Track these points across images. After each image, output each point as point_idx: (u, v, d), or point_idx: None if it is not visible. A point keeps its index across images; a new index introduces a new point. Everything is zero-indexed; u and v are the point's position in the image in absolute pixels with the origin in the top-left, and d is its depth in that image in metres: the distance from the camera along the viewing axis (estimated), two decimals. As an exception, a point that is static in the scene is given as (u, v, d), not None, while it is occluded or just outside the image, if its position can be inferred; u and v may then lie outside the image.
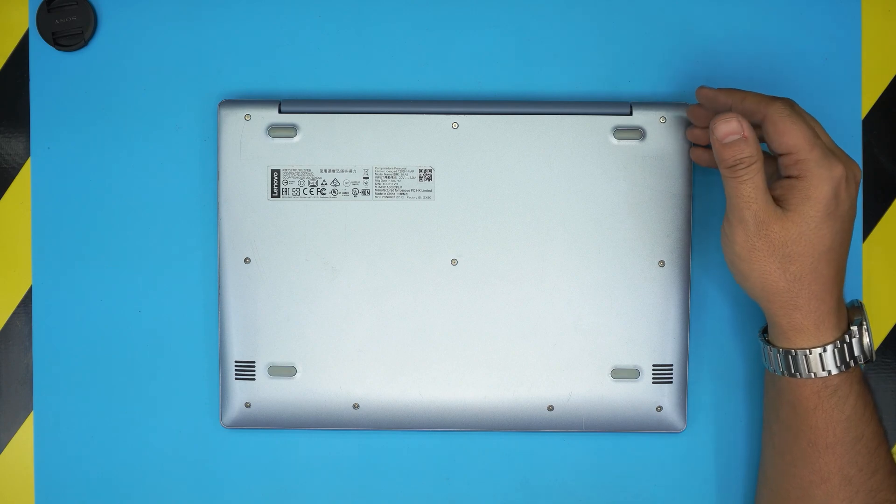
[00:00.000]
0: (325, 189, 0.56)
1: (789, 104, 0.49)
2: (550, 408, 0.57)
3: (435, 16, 0.59)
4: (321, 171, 0.56)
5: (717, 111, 0.52)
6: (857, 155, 0.59)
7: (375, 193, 0.56)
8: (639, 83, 0.58)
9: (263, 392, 0.57)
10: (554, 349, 0.56)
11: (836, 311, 0.50)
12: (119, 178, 0.59)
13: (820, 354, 0.50)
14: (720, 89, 0.52)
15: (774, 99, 0.50)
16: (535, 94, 0.58)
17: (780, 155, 0.49)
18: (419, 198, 0.56)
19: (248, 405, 0.57)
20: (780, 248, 0.48)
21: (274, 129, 0.56)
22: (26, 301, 0.59)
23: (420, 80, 0.58)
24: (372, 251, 0.56)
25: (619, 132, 0.56)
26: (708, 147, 0.55)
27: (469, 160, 0.56)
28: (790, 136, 0.48)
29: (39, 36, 0.58)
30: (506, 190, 0.56)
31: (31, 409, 0.59)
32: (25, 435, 0.59)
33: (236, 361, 0.57)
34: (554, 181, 0.56)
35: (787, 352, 0.50)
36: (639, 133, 0.56)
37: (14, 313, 0.60)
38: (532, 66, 0.58)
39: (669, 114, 0.56)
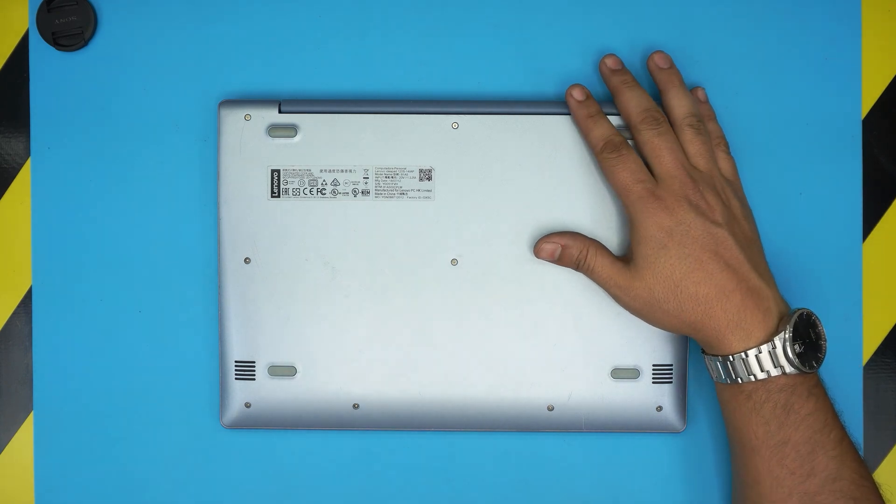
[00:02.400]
0: (325, 189, 0.56)
1: (610, 147, 0.53)
2: (550, 408, 0.57)
3: (435, 16, 0.59)
4: (321, 171, 0.56)
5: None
6: (857, 155, 0.59)
7: (375, 193, 0.56)
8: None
9: (263, 392, 0.57)
10: (554, 349, 0.56)
11: (738, 324, 0.51)
12: (119, 179, 0.59)
13: (729, 362, 0.51)
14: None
15: (605, 146, 0.53)
16: (535, 94, 0.58)
17: None
18: (419, 198, 0.56)
19: (248, 405, 0.57)
20: (649, 298, 0.52)
21: (274, 129, 0.56)
22: (26, 301, 0.59)
23: (420, 80, 0.58)
24: (372, 251, 0.56)
25: (619, 132, 0.56)
26: None
27: (469, 160, 0.56)
28: (609, 181, 0.54)
29: (39, 36, 0.58)
30: (506, 190, 0.56)
31: (31, 409, 0.59)
32: (25, 435, 0.59)
33: (236, 361, 0.57)
34: (554, 181, 0.56)
35: (707, 357, 0.53)
36: (639, 133, 0.56)
37: (14, 313, 0.60)
38: (532, 66, 0.58)
39: (669, 114, 0.56)
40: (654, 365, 0.56)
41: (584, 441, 0.59)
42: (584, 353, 0.56)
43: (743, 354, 0.51)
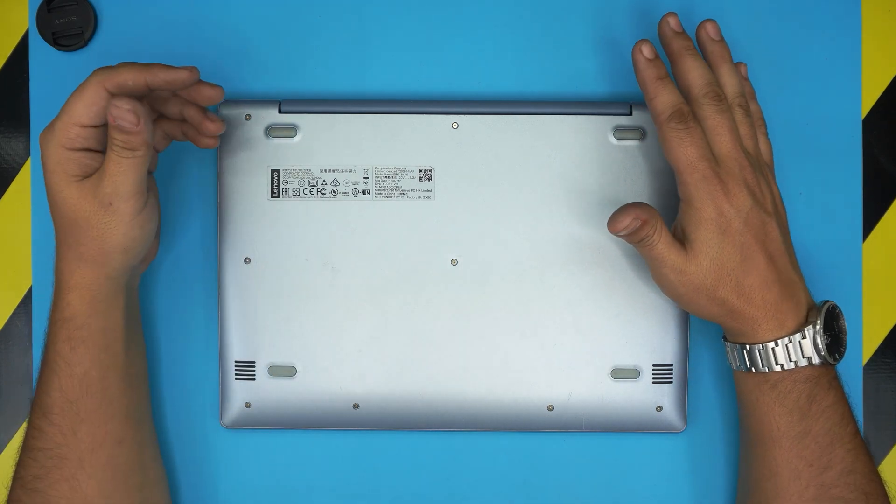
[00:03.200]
0: (325, 189, 0.56)
1: (678, 116, 0.50)
2: (550, 408, 0.57)
3: (435, 16, 0.59)
4: (321, 171, 0.56)
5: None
6: (857, 155, 0.59)
7: (375, 193, 0.56)
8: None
9: (263, 392, 0.57)
10: (554, 349, 0.56)
11: (774, 314, 0.51)
12: (119, 178, 0.58)
13: (759, 350, 0.51)
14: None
15: (673, 115, 0.50)
16: (536, 94, 0.58)
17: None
18: (419, 198, 0.56)
19: (248, 405, 0.57)
20: (700, 284, 0.51)
21: (274, 129, 0.56)
22: (26, 301, 0.59)
23: (420, 80, 0.58)
24: (372, 251, 0.56)
25: (619, 132, 0.56)
26: None
27: (469, 160, 0.56)
28: (671, 155, 0.50)
29: (39, 36, 0.58)
30: (506, 190, 0.56)
31: (31, 409, 0.59)
32: (25, 435, 0.59)
33: (236, 361, 0.57)
34: (554, 181, 0.56)
35: (732, 345, 0.53)
36: (639, 133, 0.56)
37: (14, 313, 0.60)
38: (532, 65, 0.58)
39: (669, 114, 0.56)
40: (654, 365, 0.56)
41: (584, 441, 0.59)
42: (584, 353, 0.56)
43: (773, 344, 0.51)
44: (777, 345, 0.50)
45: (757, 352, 0.51)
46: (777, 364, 0.51)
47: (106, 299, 0.52)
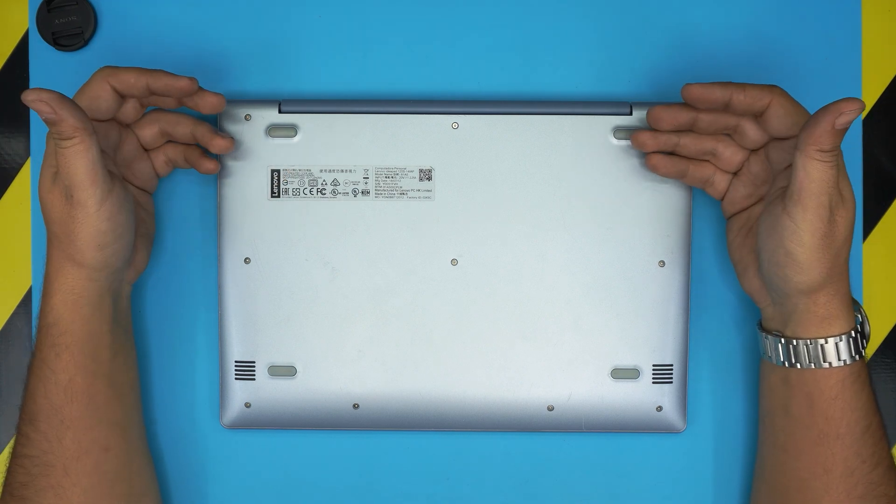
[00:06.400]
0: (325, 189, 0.56)
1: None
2: (550, 408, 0.57)
3: (435, 16, 0.59)
4: (321, 171, 0.56)
5: (707, 107, 0.51)
6: (857, 155, 0.59)
7: (375, 193, 0.56)
8: (639, 83, 0.58)
9: (263, 392, 0.57)
10: (554, 349, 0.56)
11: (844, 307, 0.51)
12: (119, 178, 0.59)
13: (850, 340, 0.50)
14: (711, 84, 0.51)
15: (765, 85, 0.51)
16: (535, 94, 0.58)
17: (789, 138, 0.50)
18: (419, 198, 0.56)
19: (248, 405, 0.57)
20: (842, 232, 0.49)
21: (274, 129, 0.56)
22: (26, 301, 0.59)
23: (420, 80, 0.58)
24: (372, 251, 0.56)
25: (619, 132, 0.56)
26: (666, 153, 0.54)
27: (469, 160, 0.56)
28: (803, 115, 0.50)
29: (39, 36, 0.58)
30: (506, 190, 0.56)
31: (31, 409, 0.59)
32: (25, 435, 0.59)
33: (236, 361, 0.57)
34: (554, 181, 0.56)
35: (815, 342, 0.51)
36: (639, 133, 0.56)
37: (14, 313, 0.60)
38: (532, 66, 0.58)
39: (669, 114, 0.56)
40: (654, 365, 0.56)
41: (584, 441, 0.59)
42: (584, 353, 0.56)
43: (857, 328, 0.51)
44: (854, 332, 0.50)
45: (848, 341, 0.50)
46: (857, 352, 0.50)
47: (90, 304, 0.51)
